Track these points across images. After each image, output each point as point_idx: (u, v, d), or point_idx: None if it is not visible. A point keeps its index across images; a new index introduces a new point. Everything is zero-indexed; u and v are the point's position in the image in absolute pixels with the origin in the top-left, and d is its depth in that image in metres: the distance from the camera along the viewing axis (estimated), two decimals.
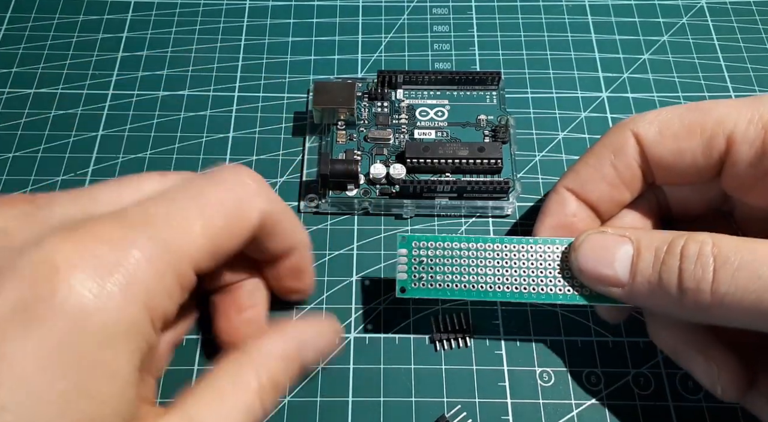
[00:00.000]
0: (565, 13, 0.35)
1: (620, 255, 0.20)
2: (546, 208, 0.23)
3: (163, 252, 0.16)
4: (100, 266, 0.15)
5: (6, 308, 0.14)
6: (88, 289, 0.15)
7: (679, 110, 0.21)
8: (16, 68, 0.32)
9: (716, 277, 0.18)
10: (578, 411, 0.23)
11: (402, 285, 0.22)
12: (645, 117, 0.22)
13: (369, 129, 0.29)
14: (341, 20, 0.34)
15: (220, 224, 0.18)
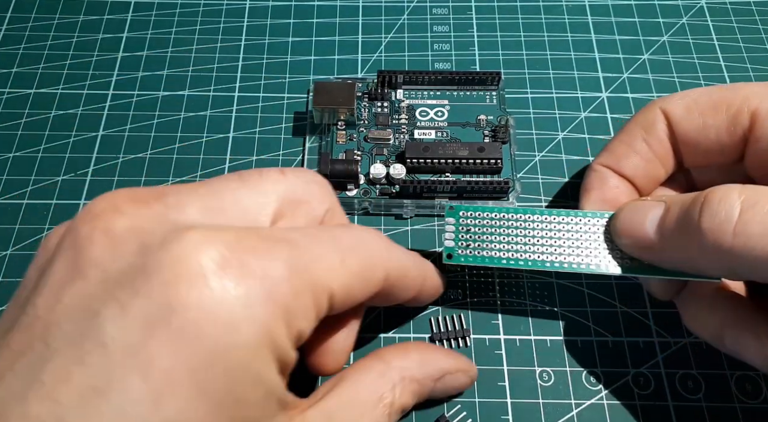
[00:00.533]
0: (565, 13, 0.35)
1: (652, 215, 0.20)
2: (587, 184, 0.24)
3: (303, 272, 0.16)
4: (246, 274, 0.14)
5: (150, 312, 0.13)
6: (235, 297, 0.14)
7: (708, 89, 0.22)
8: (17, 68, 0.32)
9: (741, 218, 0.18)
10: (578, 411, 0.23)
11: (449, 252, 0.22)
12: (675, 95, 0.23)
13: (369, 129, 0.29)
14: (341, 20, 0.34)
15: (354, 269, 0.17)
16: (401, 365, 0.20)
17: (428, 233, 0.27)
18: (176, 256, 0.14)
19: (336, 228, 0.19)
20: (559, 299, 0.26)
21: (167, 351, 0.13)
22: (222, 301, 0.14)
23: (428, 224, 0.28)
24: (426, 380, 0.20)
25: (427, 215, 0.28)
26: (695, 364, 0.24)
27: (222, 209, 0.17)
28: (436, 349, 0.22)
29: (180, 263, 0.14)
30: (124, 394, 0.13)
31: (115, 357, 0.13)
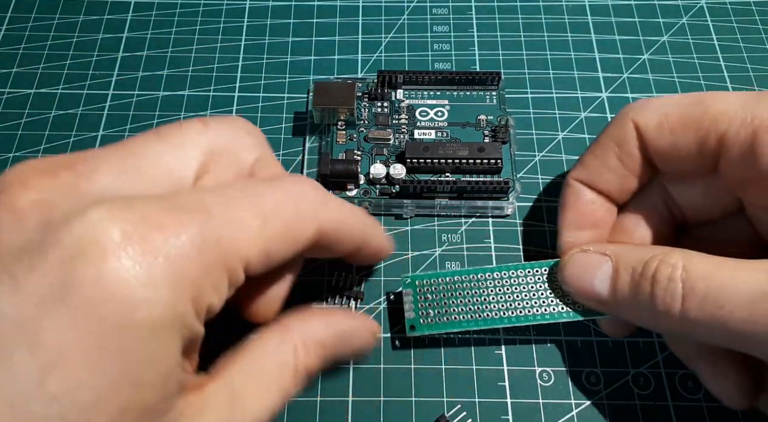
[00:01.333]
0: (565, 13, 0.35)
1: (600, 273, 0.21)
2: (563, 200, 0.24)
3: (214, 245, 0.15)
4: (149, 251, 0.14)
5: (45, 288, 0.13)
6: (135, 276, 0.14)
7: (680, 102, 0.21)
8: (17, 68, 0.32)
9: (684, 304, 0.19)
10: (578, 411, 0.23)
11: (411, 323, 0.23)
12: (647, 106, 0.22)
13: (369, 129, 0.29)
14: (341, 20, 0.34)
15: (276, 229, 0.17)
16: (302, 329, 0.19)
17: (428, 233, 0.27)
18: (76, 233, 0.14)
19: (261, 184, 0.18)
20: None
21: (59, 327, 0.13)
22: (120, 280, 0.14)
23: (428, 224, 0.28)
24: (329, 340, 0.20)
25: (427, 215, 0.28)
26: None
27: (140, 169, 0.17)
28: (338, 311, 0.22)
29: (79, 241, 0.14)
30: (10, 368, 0.13)
31: (5, 331, 0.13)
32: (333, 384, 0.24)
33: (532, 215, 0.28)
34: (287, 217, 0.17)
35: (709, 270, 0.19)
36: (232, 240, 0.16)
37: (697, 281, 0.18)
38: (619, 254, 0.21)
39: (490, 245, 0.27)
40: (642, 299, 0.20)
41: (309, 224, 0.18)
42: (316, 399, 0.23)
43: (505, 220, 0.28)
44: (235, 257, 0.16)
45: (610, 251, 0.21)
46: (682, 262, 0.19)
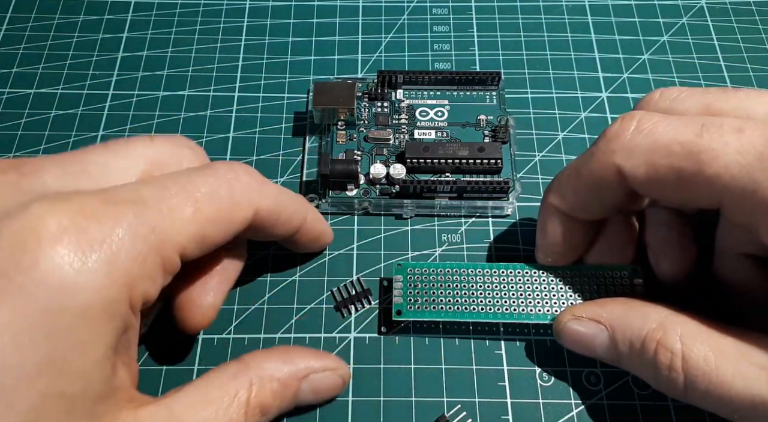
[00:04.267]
0: (565, 13, 0.35)
1: (599, 343, 0.21)
2: (540, 225, 0.24)
3: (148, 234, 0.16)
4: (84, 241, 0.15)
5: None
6: (69, 263, 0.14)
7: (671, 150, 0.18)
8: (17, 68, 0.32)
9: (686, 392, 0.19)
10: (578, 411, 0.23)
11: (398, 308, 0.23)
12: (634, 151, 0.19)
13: (369, 129, 0.29)
14: (341, 20, 0.34)
15: (210, 214, 0.18)
16: (260, 365, 0.19)
17: (428, 233, 0.27)
18: (16, 225, 0.14)
19: (194, 172, 0.18)
20: None
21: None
22: (54, 266, 0.14)
23: (428, 224, 0.28)
24: (289, 379, 0.20)
25: (427, 215, 0.28)
26: None
27: (85, 172, 0.18)
28: (302, 349, 0.22)
29: (19, 232, 0.14)
30: None
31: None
32: None
33: (532, 215, 0.28)
34: (221, 200, 0.18)
35: (710, 363, 0.18)
36: (167, 228, 0.17)
37: (698, 376, 0.18)
38: (614, 325, 0.21)
39: (490, 245, 0.27)
40: (645, 374, 0.20)
41: (244, 207, 0.19)
42: None
43: (505, 220, 0.28)
44: (170, 245, 0.17)
45: (605, 319, 0.21)
46: (680, 347, 0.19)
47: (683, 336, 0.19)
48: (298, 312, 0.25)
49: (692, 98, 0.20)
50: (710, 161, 0.17)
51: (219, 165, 0.19)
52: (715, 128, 0.18)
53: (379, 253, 0.27)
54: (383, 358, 0.24)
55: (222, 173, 0.19)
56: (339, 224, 0.27)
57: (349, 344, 0.25)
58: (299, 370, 0.20)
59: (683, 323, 0.19)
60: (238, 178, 0.19)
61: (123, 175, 0.18)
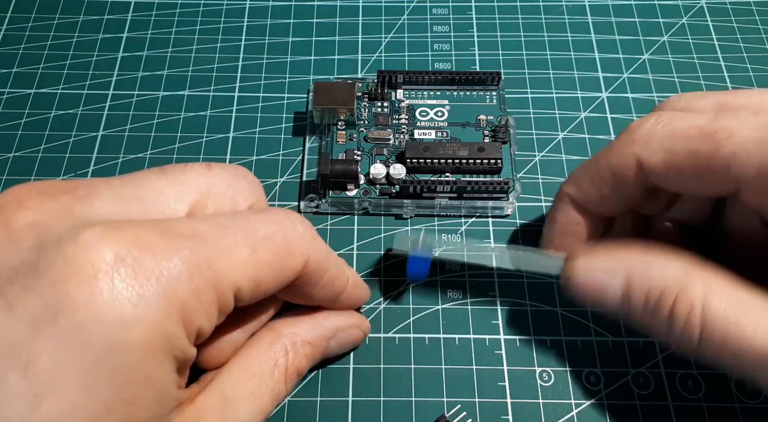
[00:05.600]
0: (565, 13, 0.35)
1: (611, 293, 0.20)
2: (552, 215, 0.23)
3: (205, 269, 0.15)
4: (141, 273, 0.14)
5: (38, 310, 0.13)
6: (128, 297, 0.14)
7: (687, 135, 0.19)
8: (17, 68, 0.32)
9: (700, 344, 0.18)
10: (578, 411, 0.23)
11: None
12: (651, 141, 0.20)
13: (369, 129, 0.29)
14: (341, 20, 0.34)
15: (266, 258, 0.17)
16: (292, 331, 0.20)
17: (428, 233, 0.27)
18: (70, 255, 0.14)
19: (253, 214, 0.18)
20: (559, 300, 0.26)
21: (52, 350, 0.13)
22: (112, 302, 0.14)
23: (428, 224, 0.28)
24: (319, 340, 0.21)
25: (427, 215, 0.28)
26: (695, 364, 0.24)
27: (138, 198, 0.17)
28: (326, 310, 0.22)
29: (72, 263, 0.14)
30: (3, 392, 0.13)
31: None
32: (333, 384, 0.24)
33: (532, 215, 0.28)
34: (278, 245, 0.18)
35: (730, 316, 0.18)
36: (224, 266, 0.16)
37: (716, 328, 0.18)
38: (631, 275, 0.20)
39: (490, 246, 0.27)
40: (656, 324, 0.19)
41: (296, 255, 0.18)
42: (316, 399, 0.23)
43: (505, 220, 0.28)
44: (226, 283, 0.16)
45: (621, 267, 0.20)
46: (700, 301, 0.18)
47: (706, 286, 0.18)
48: None
49: (707, 97, 0.20)
50: (726, 140, 0.18)
51: (277, 211, 0.19)
52: (731, 112, 0.18)
53: (379, 253, 0.27)
54: (383, 358, 0.24)
55: (280, 219, 0.18)
56: (339, 224, 0.27)
57: None
58: (328, 331, 0.21)
59: (705, 274, 0.19)
60: (294, 226, 0.18)
61: (176, 203, 0.18)
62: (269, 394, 0.19)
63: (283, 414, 0.23)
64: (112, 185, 0.17)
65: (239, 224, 0.17)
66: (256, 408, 0.18)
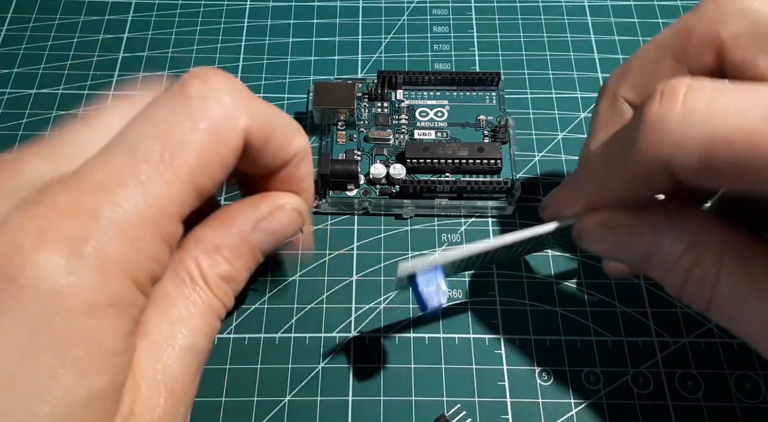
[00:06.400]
0: (565, 14, 0.35)
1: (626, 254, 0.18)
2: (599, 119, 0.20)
3: (134, 216, 0.15)
4: (67, 241, 0.14)
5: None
6: (56, 266, 0.14)
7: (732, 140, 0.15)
8: (17, 69, 0.32)
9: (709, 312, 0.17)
10: (577, 410, 0.23)
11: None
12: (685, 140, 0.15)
13: (369, 129, 0.29)
14: (341, 21, 0.34)
15: (192, 163, 0.16)
16: (197, 242, 0.18)
17: (428, 233, 0.27)
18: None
19: (165, 108, 0.16)
20: (558, 299, 0.26)
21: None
22: (42, 273, 0.14)
23: (428, 224, 0.28)
24: (236, 240, 0.18)
25: (427, 215, 0.28)
26: (694, 364, 0.24)
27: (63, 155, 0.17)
28: (239, 202, 0.19)
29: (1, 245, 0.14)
30: None
31: None
32: (333, 384, 0.24)
33: (531, 215, 0.28)
34: (204, 144, 0.16)
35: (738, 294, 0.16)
36: (153, 204, 0.15)
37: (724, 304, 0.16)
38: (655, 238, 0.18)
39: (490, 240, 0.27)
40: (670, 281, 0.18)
41: (231, 135, 0.16)
42: (316, 398, 0.23)
43: (505, 220, 0.28)
44: (161, 218, 0.15)
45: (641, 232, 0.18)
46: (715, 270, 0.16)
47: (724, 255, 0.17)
48: (298, 312, 0.25)
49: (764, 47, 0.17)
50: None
51: (191, 89, 0.16)
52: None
53: (379, 253, 0.27)
54: (383, 358, 0.24)
55: (198, 99, 0.16)
56: (339, 224, 0.27)
57: (349, 344, 0.25)
58: (242, 227, 0.18)
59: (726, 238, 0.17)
60: (219, 101, 0.16)
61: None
62: (199, 310, 0.17)
63: (283, 413, 0.23)
64: (36, 149, 0.17)
65: (150, 135, 0.15)
66: (191, 327, 0.17)
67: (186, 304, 0.17)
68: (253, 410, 0.23)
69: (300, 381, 0.24)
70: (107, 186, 0.15)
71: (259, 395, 0.24)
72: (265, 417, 0.23)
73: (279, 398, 0.23)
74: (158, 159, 0.15)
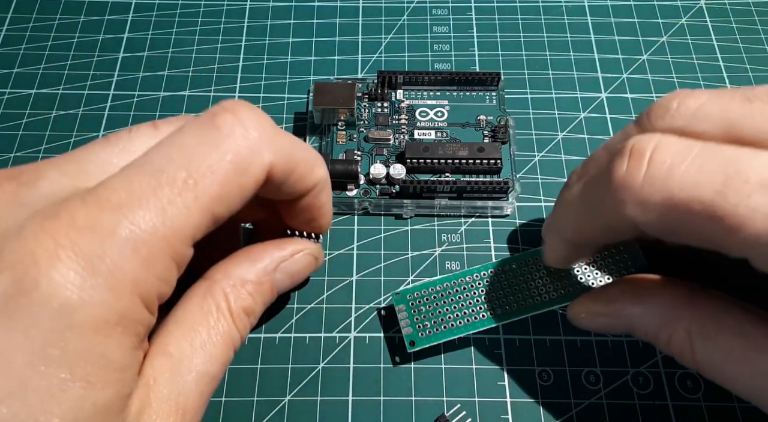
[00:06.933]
0: (565, 13, 0.35)
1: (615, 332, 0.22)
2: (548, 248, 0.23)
3: (150, 236, 0.15)
4: (81, 257, 0.14)
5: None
6: (71, 282, 0.14)
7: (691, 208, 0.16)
8: (17, 69, 0.32)
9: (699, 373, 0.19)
10: (577, 410, 0.23)
11: (410, 339, 0.23)
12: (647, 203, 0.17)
13: (369, 129, 0.29)
14: (341, 21, 0.34)
15: (215, 192, 0.16)
16: (227, 274, 0.19)
17: (428, 233, 0.27)
18: (15, 248, 0.14)
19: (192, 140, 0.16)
20: None
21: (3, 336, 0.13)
22: (55, 287, 0.14)
23: (428, 224, 0.28)
24: (260, 277, 0.20)
25: (427, 215, 0.28)
26: None
27: (82, 172, 0.17)
28: (265, 243, 0.21)
29: (15, 255, 0.14)
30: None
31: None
32: (333, 384, 0.24)
33: (531, 215, 0.28)
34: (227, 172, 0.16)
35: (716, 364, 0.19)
36: (169, 226, 0.15)
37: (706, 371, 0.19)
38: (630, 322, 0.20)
39: (489, 245, 0.27)
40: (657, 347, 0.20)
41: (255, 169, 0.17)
42: (316, 398, 0.23)
43: (505, 220, 0.28)
44: (175, 242, 0.15)
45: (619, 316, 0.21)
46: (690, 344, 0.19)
47: (692, 333, 0.19)
48: (298, 312, 0.25)
49: (713, 117, 0.18)
50: (737, 228, 0.16)
51: (221, 121, 0.17)
52: (740, 184, 0.16)
53: (379, 253, 0.27)
54: (383, 358, 0.24)
55: (227, 132, 0.16)
56: (339, 224, 0.27)
57: (349, 344, 0.25)
58: (267, 265, 0.20)
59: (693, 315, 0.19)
60: (246, 134, 0.17)
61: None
62: (221, 339, 0.18)
63: (283, 413, 0.23)
64: (56, 163, 0.17)
65: (178, 161, 0.16)
66: (210, 355, 0.18)
67: (209, 332, 0.18)
68: (253, 410, 0.23)
69: (300, 381, 0.24)
70: (127, 205, 0.15)
71: (259, 395, 0.24)
72: (265, 417, 0.23)
73: (279, 398, 0.23)
74: (182, 185, 0.16)
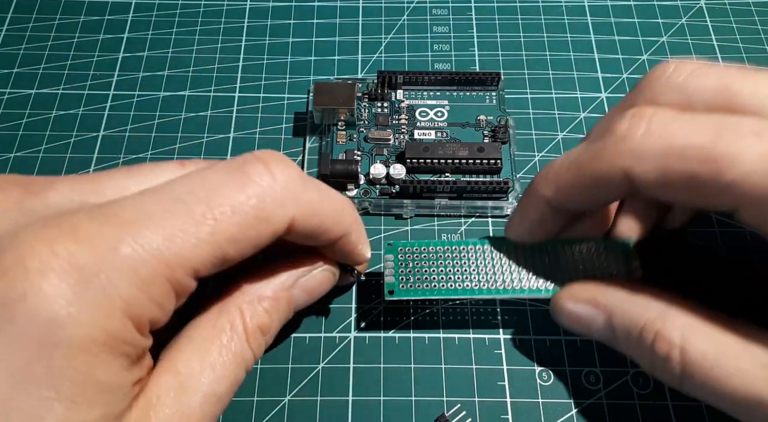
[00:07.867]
0: (565, 14, 0.35)
1: (595, 328, 0.21)
2: (522, 212, 0.22)
3: (152, 259, 0.14)
4: (76, 269, 0.13)
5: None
6: (61, 295, 0.13)
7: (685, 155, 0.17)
8: (17, 69, 0.32)
9: (681, 382, 0.19)
10: (577, 410, 0.23)
11: (390, 288, 0.23)
12: (644, 156, 0.18)
13: (369, 129, 0.29)
14: (341, 21, 0.34)
15: (231, 233, 0.15)
16: (243, 290, 0.18)
17: (428, 233, 0.27)
18: (7, 254, 0.13)
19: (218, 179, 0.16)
20: None
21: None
22: (45, 298, 0.13)
23: (428, 224, 0.28)
24: (276, 292, 0.19)
25: (427, 215, 0.28)
26: None
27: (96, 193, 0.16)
28: (283, 259, 0.20)
29: (8, 261, 0.13)
30: None
31: None
32: (333, 384, 0.24)
33: None
34: (247, 215, 0.16)
35: (709, 357, 0.18)
36: (174, 252, 0.15)
37: (695, 368, 0.18)
38: (613, 311, 0.20)
39: None
40: (640, 358, 0.20)
41: (277, 219, 0.16)
42: (316, 398, 0.23)
43: (505, 220, 0.28)
44: (179, 269, 0.15)
45: (603, 304, 0.21)
46: (679, 340, 0.19)
47: (684, 327, 0.19)
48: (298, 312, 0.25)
49: (709, 76, 0.19)
50: (728, 169, 0.16)
51: (251, 167, 0.16)
52: (732, 130, 0.17)
53: (379, 253, 0.27)
54: (383, 358, 0.24)
55: (255, 178, 0.16)
56: None
57: (349, 343, 0.25)
58: (285, 281, 0.19)
59: (684, 313, 0.19)
60: (274, 183, 0.16)
61: None
62: (232, 358, 0.17)
63: (283, 413, 0.23)
64: (70, 179, 0.17)
65: (199, 194, 0.15)
66: (220, 375, 0.17)
67: (221, 351, 0.17)
68: (253, 410, 0.23)
69: (300, 381, 0.24)
70: (135, 224, 0.14)
71: (259, 395, 0.24)
72: (265, 417, 0.23)
73: (279, 398, 0.23)
74: (199, 218, 0.15)
